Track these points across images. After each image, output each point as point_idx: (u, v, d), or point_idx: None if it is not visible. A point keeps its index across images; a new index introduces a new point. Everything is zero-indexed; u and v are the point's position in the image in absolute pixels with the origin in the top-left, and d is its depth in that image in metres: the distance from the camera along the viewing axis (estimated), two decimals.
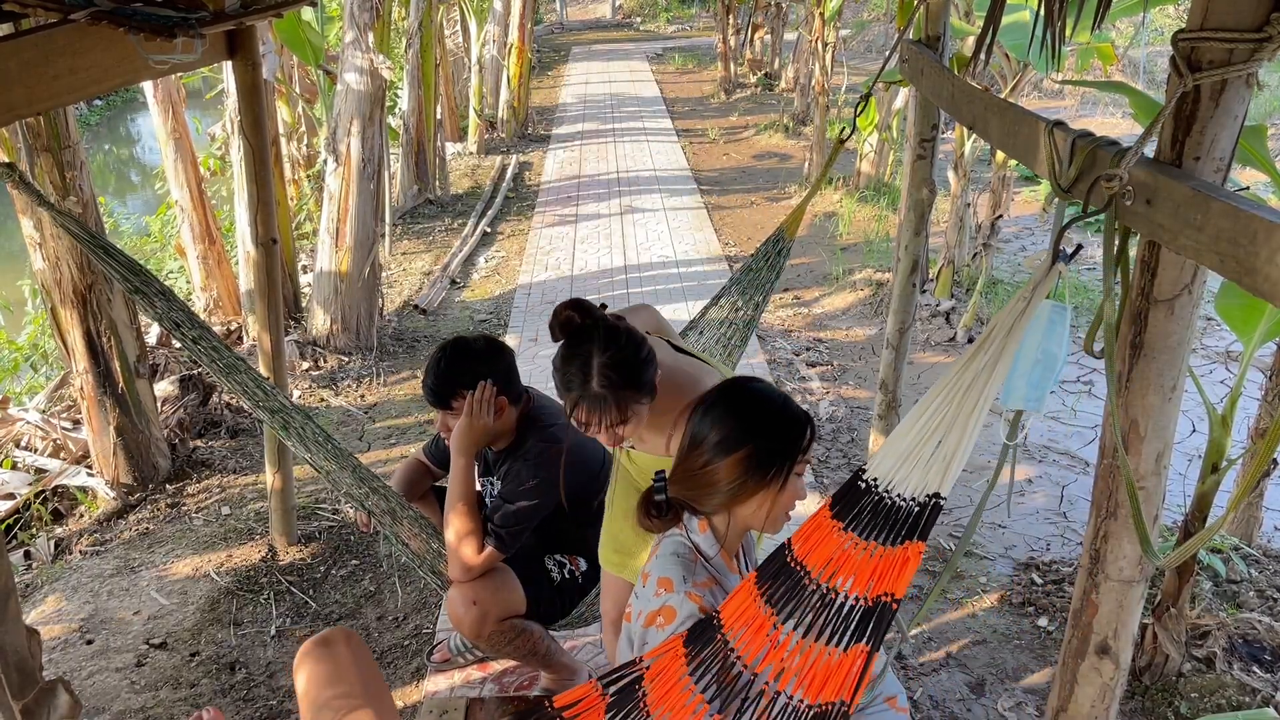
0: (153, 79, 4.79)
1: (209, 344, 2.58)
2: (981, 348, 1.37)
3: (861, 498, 1.42)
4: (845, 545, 1.40)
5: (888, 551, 1.36)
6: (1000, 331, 1.37)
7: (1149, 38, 12.81)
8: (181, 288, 6.41)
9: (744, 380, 1.74)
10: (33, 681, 1.78)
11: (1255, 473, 2.69)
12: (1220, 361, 5.15)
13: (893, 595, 1.32)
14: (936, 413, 1.38)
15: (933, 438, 1.37)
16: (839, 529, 1.42)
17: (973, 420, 1.34)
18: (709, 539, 1.67)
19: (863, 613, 1.34)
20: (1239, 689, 2.75)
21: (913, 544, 1.34)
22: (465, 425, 2.30)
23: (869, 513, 1.40)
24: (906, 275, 3.35)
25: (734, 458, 1.60)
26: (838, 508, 1.44)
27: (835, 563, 1.40)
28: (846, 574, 1.38)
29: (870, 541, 1.38)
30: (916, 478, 1.37)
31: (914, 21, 3.00)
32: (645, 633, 1.60)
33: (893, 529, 1.37)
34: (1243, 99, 1.34)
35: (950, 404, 1.36)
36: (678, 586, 1.60)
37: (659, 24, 23.07)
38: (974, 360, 1.37)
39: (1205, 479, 2.71)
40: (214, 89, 8.78)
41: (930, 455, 1.36)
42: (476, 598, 2.32)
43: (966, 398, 1.35)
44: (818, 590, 1.40)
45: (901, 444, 1.40)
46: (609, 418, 1.82)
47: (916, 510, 1.36)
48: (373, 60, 5.25)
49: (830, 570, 1.40)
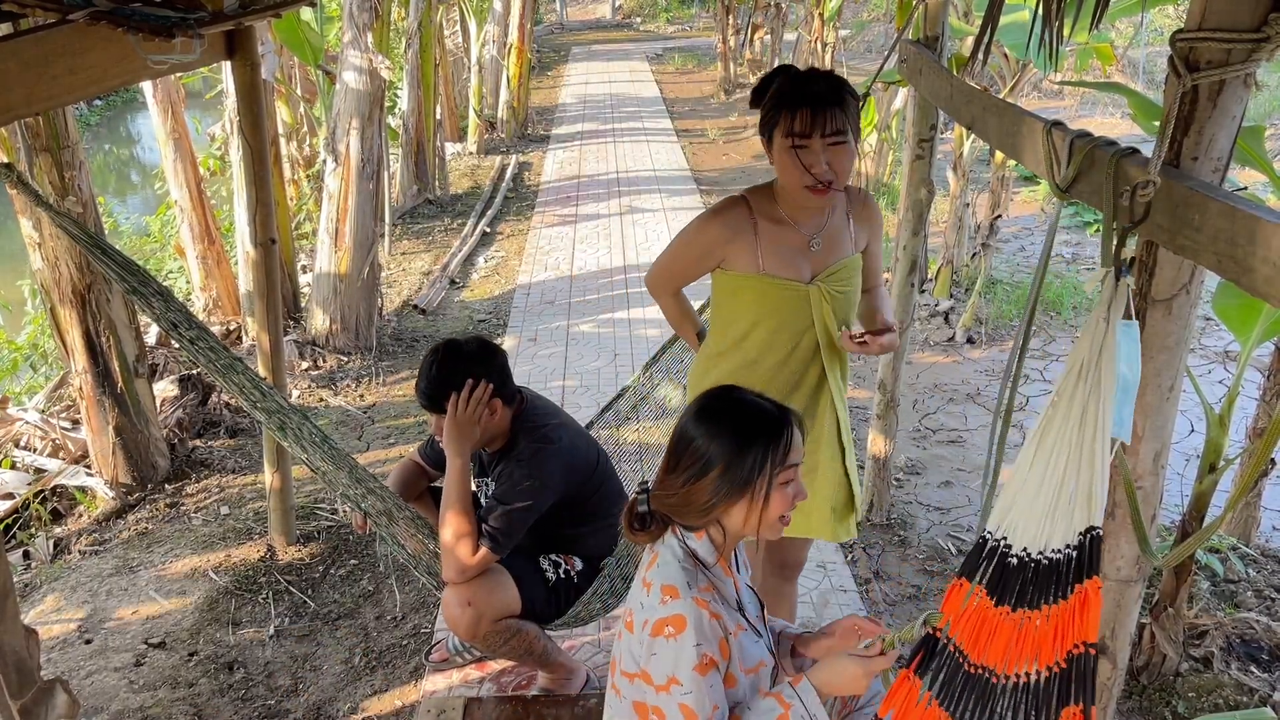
0: (152, 79, 4.79)
1: (207, 344, 2.59)
2: (1079, 378, 1.34)
3: (1019, 574, 1.36)
4: (1021, 624, 1.34)
5: (1063, 605, 1.30)
6: (1091, 357, 1.33)
7: (1148, 38, 12.82)
8: (181, 288, 6.41)
9: (715, 394, 1.71)
10: (31, 681, 1.78)
11: (1253, 472, 2.69)
12: (1218, 361, 5.15)
13: (1085, 642, 1.25)
14: (1058, 459, 1.33)
15: (1066, 483, 1.32)
16: (1008, 614, 1.36)
17: (1098, 449, 1.30)
18: (706, 545, 1.66)
19: (1059, 678, 1.27)
20: (1236, 689, 2.75)
21: (1089, 582, 1.27)
22: (458, 425, 2.30)
23: (1032, 582, 1.34)
24: (905, 275, 3.36)
25: (708, 479, 1.60)
26: (997, 594, 1.38)
27: (1018, 647, 1.34)
28: (1033, 651, 1.31)
29: (1043, 607, 1.32)
30: (1063, 526, 1.31)
31: (913, 21, 3.00)
32: (653, 643, 1.58)
33: (1059, 581, 1.31)
34: (1241, 99, 1.34)
35: (1069, 443, 1.32)
36: (684, 593, 1.58)
37: (659, 24, 23.07)
38: (1075, 393, 1.34)
39: (1203, 479, 2.71)
40: (214, 89, 8.78)
41: (1070, 500, 1.31)
42: (471, 598, 2.32)
43: (1083, 430, 1.31)
44: (1009, 682, 1.33)
45: (1037, 504, 1.35)
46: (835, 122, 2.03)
47: (1076, 554, 1.30)
48: (372, 60, 5.25)
49: (1015, 657, 1.34)
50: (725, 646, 1.59)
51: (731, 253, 2.22)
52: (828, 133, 2.04)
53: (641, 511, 1.69)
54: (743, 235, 2.19)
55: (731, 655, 1.60)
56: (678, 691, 1.54)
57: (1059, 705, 1.26)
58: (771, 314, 2.23)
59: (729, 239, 2.21)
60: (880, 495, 3.70)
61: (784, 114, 2.05)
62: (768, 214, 2.20)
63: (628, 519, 1.72)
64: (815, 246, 2.20)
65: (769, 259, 2.19)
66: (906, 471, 4.10)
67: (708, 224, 2.24)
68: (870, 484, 3.71)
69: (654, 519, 1.68)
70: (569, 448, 2.45)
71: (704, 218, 2.26)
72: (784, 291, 2.19)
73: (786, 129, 2.05)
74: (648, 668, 1.59)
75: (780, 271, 2.19)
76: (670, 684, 1.55)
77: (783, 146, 2.07)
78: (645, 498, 1.69)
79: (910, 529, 3.68)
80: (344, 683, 2.94)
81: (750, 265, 2.20)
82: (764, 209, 2.20)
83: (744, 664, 1.63)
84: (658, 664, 1.57)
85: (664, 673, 1.56)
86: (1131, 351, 1.37)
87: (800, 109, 2.03)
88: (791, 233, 2.19)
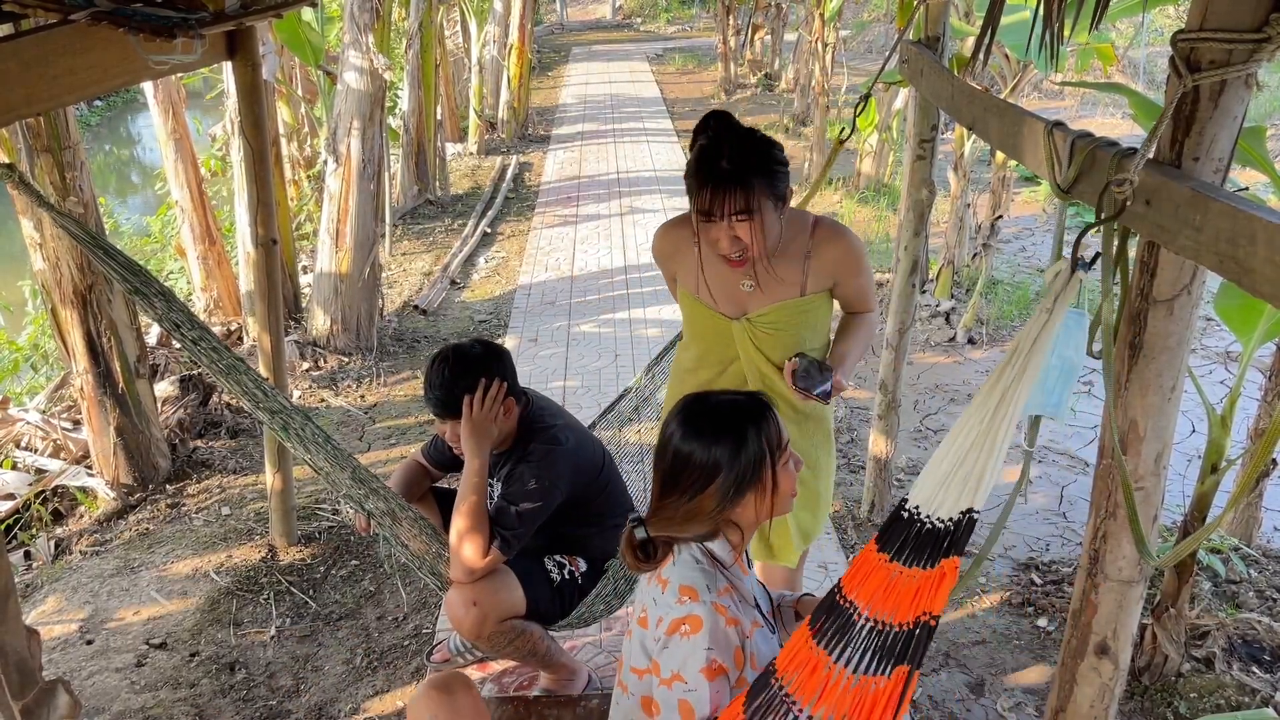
0: (153, 79, 4.79)
1: (209, 345, 2.58)
2: (1009, 363, 1.38)
3: (905, 529, 1.44)
4: (891, 576, 1.42)
5: (927, 573, 1.38)
6: (1025, 345, 1.38)
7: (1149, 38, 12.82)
8: (182, 288, 6.41)
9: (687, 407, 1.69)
10: (32, 681, 1.78)
11: (1254, 473, 2.69)
12: (1219, 362, 5.15)
13: (930, 613, 1.34)
14: (968, 434, 1.40)
15: (966, 458, 1.39)
16: (885, 561, 1.44)
17: (1001, 434, 1.36)
18: (723, 545, 1.66)
19: (905, 636, 1.36)
20: (1238, 689, 2.75)
21: (948, 560, 1.36)
22: (475, 425, 2.31)
23: (912, 541, 1.42)
24: (906, 275, 3.36)
25: (713, 486, 1.60)
26: (883, 541, 1.46)
27: (883, 595, 1.42)
28: (893, 604, 1.40)
29: (913, 568, 1.40)
30: (952, 498, 1.39)
31: (914, 22, 3.00)
32: (669, 640, 1.58)
33: (932, 550, 1.39)
34: (1242, 99, 1.34)
35: (980, 423, 1.39)
36: (703, 596, 1.58)
37: (659, 24, 23.08)
38: (1001, 377, 1.39)
39: (1204, 479, 2.71)
40: (214, 89, 8.78)
41: (966, 475, 1.38)
42: (476, 599, 2.32)
43: (996, 414, 1.37)
44: (867, 624, 1.41)
45: (938, 470, 1.42)
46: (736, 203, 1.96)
47: (952, 528, 1.38)
48: (373, 61, 5.25)
49: (878, 603, 1.42)
50: (740, 655, 1.58)
51: (679, 268, 2.28)
52: (730, 212, 2.00)
53: (641, 539, 1.67)
54: (686, 254, 2.23)
55: (745, 662, 1.60)
56: (680, 688, 1.55)
57: (895, 661, 1.35)
58: (699, 337, 2.29)
59: (672, 254, 2.27)
60: (881, 495, 3.70)
61: (694, 187, 2.03)
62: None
63: (629, 550, 1.69)
64: (746, 287, 2.20)
65: (705, 285, 2.22)
66: (907, 472, 4.10)
67: (658, 239, 2.32)
68: (871, 484, 3.71)
69: (656, 546, 1.67)
70: (576, 448, 2.45)
71: (658, 231, 2.33)
72: (709, 320, 2.24)
73: (695, 204, 2.05)
74: (659, 659, 1.60)
75: (709, 299, 2.23)
76: (674, 679, 1.56)
77: (696, 217, 2.06)
78: (641, 526, 1.67)
79: None
80: (345, 683, 2.94)
81: (690, 284, 2.26)
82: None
83: (758, 663, 1.63)
84: (668, 657, 1.58)
85: (672, 667, 1.57)
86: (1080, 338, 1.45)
87: (703, 188, 2.01)
88: (727, 268, 2.18)
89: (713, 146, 2.04)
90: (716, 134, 2.06)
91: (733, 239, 2.03)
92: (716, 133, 2.06)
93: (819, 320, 2.26)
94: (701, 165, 2.02)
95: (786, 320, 2.20)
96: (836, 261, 2.21)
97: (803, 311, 2.22)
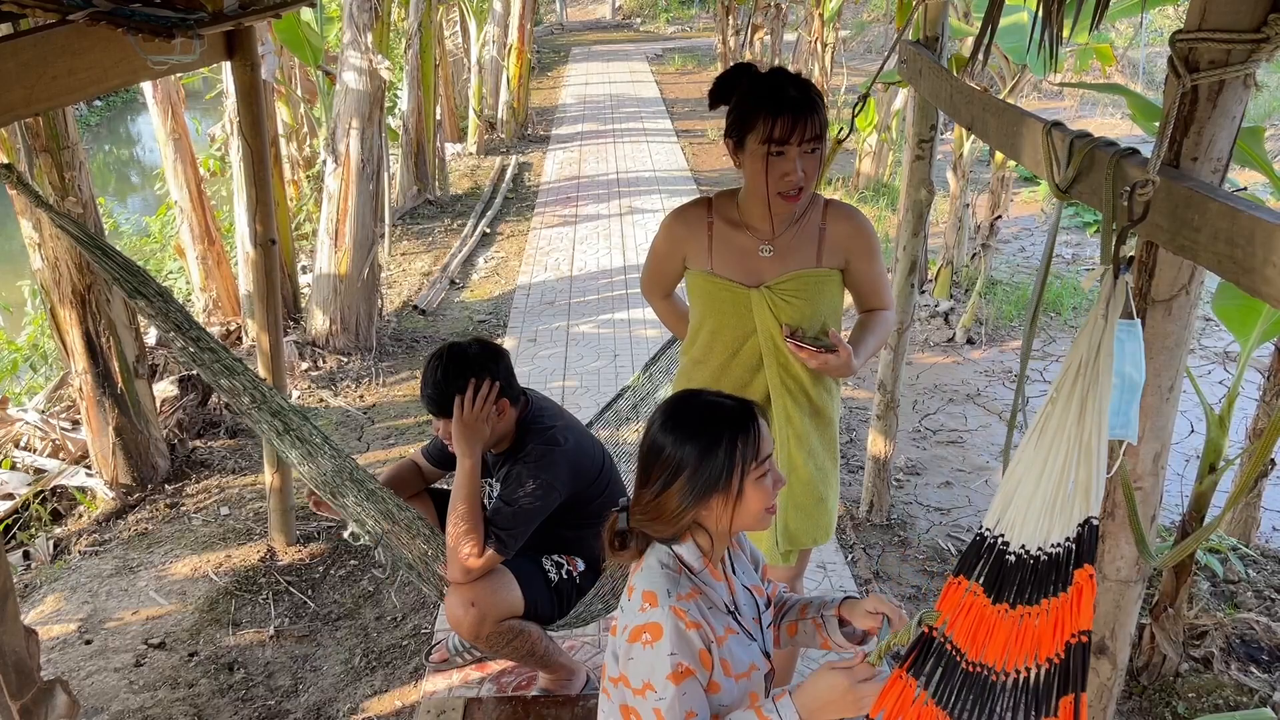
0: (151, 79, 4.78)
1: (206, 345, 2.58)
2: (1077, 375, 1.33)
3: (1018, 571, 1.35)
4: (1020, 621, 1.33)
5: (1061, 598, 1.29)
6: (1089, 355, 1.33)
7: (1148, 38, 12.83)
8: (181, 288, 6.41)
9: (677, 400, 1.69)
10: (31, 681, 1.78)
11: (1252, 473, 2.69)
12: (1218, 362, 5.15)
13: (1080, 630, 1.25)
14: (1056, 456, 1.33)
15: (1065, 479, 1.32)
16: (1006, 610, 1.35)
17: (1096, 444, 1.30)
18: (691, 549, 1.64)
19: (1059, 670, 1.27)
20: (1236, 689, 2.75)
21: (1080, 571, 1.28)
22: (466, 425, 2.30)
23: (1031, 579, 1.34)
24: (905, 275, 3.36)
25: (676, 484, 1.57)
26: (995, 592, 1.37)
27: (1018, 644, 1.33)
28: (1032, 646, 1.31)
29: (1042, 602, 1.31)
30: (1062, 521, 1.31)
31: (913, 22, 3.01)
32: (630, 648, 1.57)
33: (1058, 575, 1.31)
34: (1240, 100, 1.34)
35: (1067, 440, 1.32)
36: (662, 601, 1.56)
37: (659, 25, 23.07)
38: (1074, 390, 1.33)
39: (1203, 479, 2.71)
40: (214, 89, 8.78)
41: (1069, 495, 1.31)
42: (475, 599, 2.32)
43: (1082, 426, 1.31)
44: (1008, 679, 1.33)
45: (1036, 502, 1.35)
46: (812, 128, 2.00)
47: (1074, 545, 1.29)
48: (372, 61, 5.25)
49: (1015, 654, 1.33)
50: (706, 657, 1.56)
51: (689, 250, 2.27)
52: (806, 139, 2.02)
53: (621, 529, 1.66)
54: (698, 234, 2.23)
55: (714, 664, 1.58)
56: (652, 697, 1.54)
57: (1058, 696, 1.26)
58: (715, 313, 2.25)
59: (685, 236, 2.26)
60: (880, 496, 3.70)
61: (762, 119, 2.02)
62: (725, 216, 2.22)
63: (609, 537, 1.68)
64: (765, 252, 2.19)
65: (718, 259, 2.21)
66: (906, 472, 4.10)
67: (669, 222, 2.30)
68: (870, 484, 3.71)
69: (633, 536, 1.66)
70: (575, 449, 2.45)
71: (667, 218, 2.32)
72: (726, 292, 2.21)
73: (764, 135, 2.02)
74: (625, 672, 1.58)
75: (725, 272, 2.21)
76: (645, 689, 1.54)
77: (758, 153, 2.05)
78: (625, 515, 1.66)
79: (910, 529, 3.68)
80: (344, 683, 2.94)
81: (702, 262, 2.24)
82: (723, 211, 2.23)
83: (733, 669, 1.61)
84: (634, 668, 1.56)
85: (640, 678, 1.55)
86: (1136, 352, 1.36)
87: (781, 115, 2.00)
88: (744, 237, 2.19)
89: (773, 79, 2.05)
90: (765, 73, 2.08)
91: (799, 170, 2.04)
92: (762, 72, 2.08)
93: (833, 297, 2.25)
94: (772, 94, 2.02)
95: (804, 289, 2.20)
96: (849, 237, 2.22)
97: (819, 282, 2.21)
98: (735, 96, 2.09)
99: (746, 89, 2.07)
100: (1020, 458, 1.38)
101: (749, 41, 14.79)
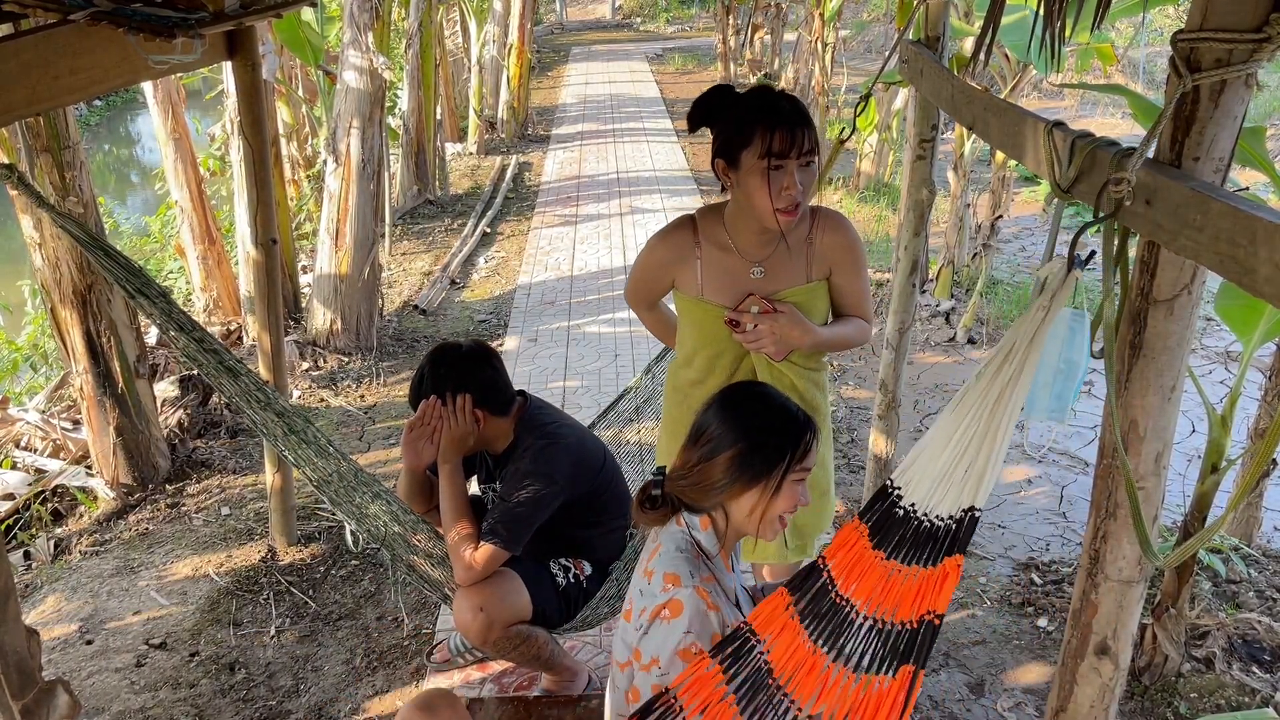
0: (152, 79, 4.79)
1: (207, 345, 2.58)
2: (1006, 360, 1.37)
3: (901, 526, 1.43)
4: (889, 574, 1.42)
5: (929, 571, 1.37)
6: (1022, 342, 1.37)
7: (1149, 38, 12.82)
8: (181, 288, 6.41)
9: (747, 384, 1.79)
10: (32, 682, 1.78)
11: (1254, 473, 2.69)
12: (1220, 362, 5.15)
13: (935, 612, 1.33)
14: (966, 430, 1.39)
15: (965, 455, 1.38)
16: (881, 559, 1.43)
17: (1002, 433, 1.35)
18: (710, 537, 1.67)
19: (909, 635, 1.35)
20: (1238, 689, 2.75)
21: (951, 559, 1.35)
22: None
23: (910, 538, 1.41)
24: (906, 275, 3.35)
25: (724, 456, 1.62)
26: (877, 538, 1.46)
27: (881, 592, 1.41)
28: (893, 602, 1.39)
29: (913, 566, 1.39)
30: (952, 496, 1.38)
31: (914, 22, 3.00)
32: (650, 625, 1.60)
33: (933, 548, 1.39)
34: (1242, 99, 1.34)
35: (979, 419, 1.37)
36: (685, 581, 1.60)
37: (659, 24, 23.07)
38: (999, 373, 1.37)
39: (1205, 479, 2.71)
40: (214, 89, 8.78)
41: (964, 473, 1.37)
42: (483, 604, 2.31)
43: (995, 412, 1.36)
44: (865, 622, 1.41)
45: (935, 466, 1.41)
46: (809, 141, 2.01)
47: (954, 526, 1.37)
48: (372, 60, 5.25)
49: (876, 601, 1.42)
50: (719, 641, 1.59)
51: (678, 274, 2.24)
52: (803, 152, 2.01)
53: (654, 494, 1.72)
54: (687, 258, 2.21)
55: None
56: (655, 672, 1.56)
57: (900, 662, 1.34)
58: (710, 340, 2.24)
59: (672, 261, 2.23)
60: None
61: (759, 133, 2.00)
62: (713, 238, 2.19)
63: (640, 498, 1.74)
64: (756, 274, 2.18)
65: (708, 284, 2.19)
66: None
67: (654, 247, 2.27)
68: (871, 484, 3.71)
69: (664, 500, 1.71)
70: (577, 444, 2.45)
71: (653, 239, 2.28)
72: (720, 317, 2.19)
73: (763, 149, 2.00)
74: (639, 646, 1.61)
75: (717, 298, 2.19)
76: (651, 665, 1.58)
77: (756, 168, 2.01)
78: (660, 480, 1.73)
79: None
80: (345, 683, 2.94)
81: (693, 289, 2.22)
82: (710, 232, 2.20)
83: None
84: (647, 642, 1.59)
85: (650, 653, 1.58)
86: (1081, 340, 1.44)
87: (779, 127, 1.99)
88: (734, 259, 2.17)
89: (764, 94, 2.05)
90: (753, 89, 2.10)
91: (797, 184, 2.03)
92: (749, 90, 2.09)
93: (825, 309, 2.26)
94: (767, 109, 2.01)
95: (797, 307, 2.20)
96: (836, 248, 2.21)
97: (810, 296, 2.21)
98: (723, 117, 2.08)
99: (737, 107, 2.06)
100: (940, 421, 1.44)
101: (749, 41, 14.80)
